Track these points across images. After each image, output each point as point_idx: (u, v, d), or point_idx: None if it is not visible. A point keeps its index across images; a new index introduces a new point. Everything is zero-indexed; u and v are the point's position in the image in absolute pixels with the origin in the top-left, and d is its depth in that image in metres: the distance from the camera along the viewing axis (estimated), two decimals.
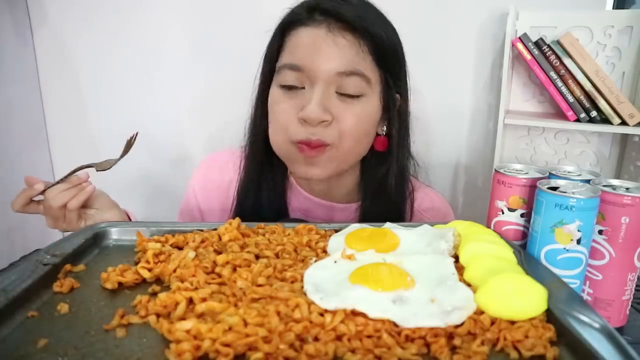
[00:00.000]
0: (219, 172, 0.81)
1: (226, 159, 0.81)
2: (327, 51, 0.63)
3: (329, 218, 0.78)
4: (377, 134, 0.72)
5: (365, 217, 0.75)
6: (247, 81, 0.74)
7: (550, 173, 0.58)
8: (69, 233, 0.57)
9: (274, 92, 0.68)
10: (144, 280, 0.47)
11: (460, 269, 0.48)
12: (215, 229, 0.57)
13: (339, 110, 0.64)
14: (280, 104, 0.67)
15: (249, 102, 0.75)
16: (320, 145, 0.65)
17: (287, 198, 0.78)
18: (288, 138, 0.66)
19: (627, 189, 0.52)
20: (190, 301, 0.41)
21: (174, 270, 0.47)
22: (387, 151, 0.73)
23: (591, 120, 1.08)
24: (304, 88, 0.65)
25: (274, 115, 0.68)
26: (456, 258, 0.51)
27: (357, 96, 0.65)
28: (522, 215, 0.57)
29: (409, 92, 0.74)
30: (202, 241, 0.54)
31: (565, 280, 0.48)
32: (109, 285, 0.45)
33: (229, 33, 1.27)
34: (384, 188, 0.73)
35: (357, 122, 0.66)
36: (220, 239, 0.55)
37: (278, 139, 0.68)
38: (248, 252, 0.51)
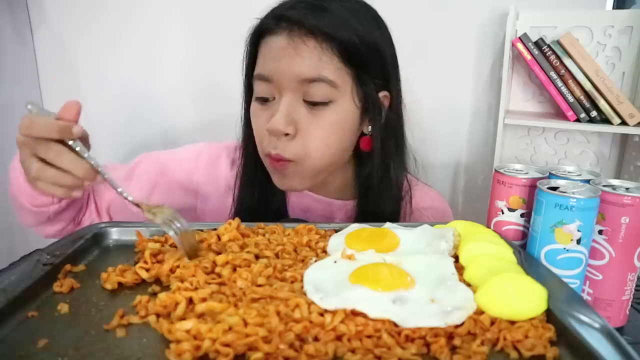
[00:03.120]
0: (229, 165, 0.80)
1: (228, 153, 0.81)
2: (289, 59, 0.62)
3: (329, 214, 0.78)
4: (363, 134, 0.72)
5: (361, 214, 0.75)
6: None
7: (550, 173, 0.58)
8: (68, 233, 0.57)
9: (253, 105, 0.69)
10: (143, 281, 0.47)
11: (460, 269, 0.48)
12: (214, 229, 0.57)
13: (305, 122, 0.64)
14: (255, 117, 0.68)
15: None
16: (280, 160, 0.65)
17: (287, 194, 0.78)
18: (262, 151, 0.68)
19: (627, 189, 0.52)
20: (190, 301, 0.41)
21: (171, 270, 0.47)
22: (371, 150, 0.72)
23: (591, 120, 1.08)
24: (275, 99, 0.66)
25: (253, 128, 0.69)
26: (456, 258, 0.51)
27: (326, 103, 0.64)
28: (522, 215, 0.57)
29: (400, 88, 0.72)
30: (201, 241, 0.54)
31: (565, 280, 0.48)
32: (108, 286, 0.46)
33: (228, 33, 1.27)
34: (371, 187, 0.73)
35: (325, 133, 0.65)
36: (219, 239, 0.55)
37: (259, 152, 0.70)
38: (248, 252, 0.51)
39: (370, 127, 0.70)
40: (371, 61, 0.67)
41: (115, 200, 0.71)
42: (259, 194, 0.75)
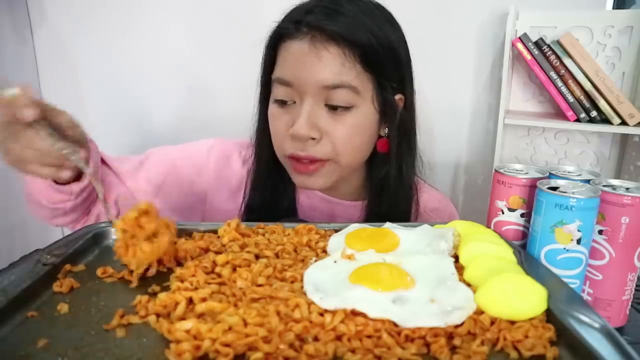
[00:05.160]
0: (240, 163, 0.80)
1: (240, 151, 0.81)
2: (311, 66, 0.63)
3: (338, 215, 0.79)
4: (380, 136, 0.72)
5: (371, 215, 0.75)
6: (247, 80, 0.75)
7: (550, 173, 0.58)
8: (68, 233, 0.56)
9: (271, 107, 0.69)
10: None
11: (460, 269, 0.48)
12: (215, 231, 0.57)
13: (329, 125, 0.65)
14: (275, 120, 0.68)
15: (250, 101, 0.75)
16: (313, 161, 0.66)
17: (296, 195, 0.78)
18: (282, 153, 0.68)
19: (627, 189, 0.52)
20: (190, 301, 0.41)
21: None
22: (388, 152, 0.73)
23: (591, 120, 1.08)
24: (295, 102, 0.66)
25: (272, 130, 0.70)
26: (456, 258, 0.51)
27: (348, 107, 0.65)
28: (522, 215, 0.57)
29: (414, 90, 0.73)
30: (205, 250, 0.54)
31: (565, 280, 0.48)
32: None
33: (228, 32, 1.27)
34: (386, 188, 0.74)
35: (349, 135, 0.66)
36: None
37: (277, 153, 0.70)
38: (248, 252, 0.51)
39: (387, 129, 0.71)
40: (389, 64, 0.67)
41: (123, 193, 0.72)
42: (270, 193, 0.75)
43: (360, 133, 0.67)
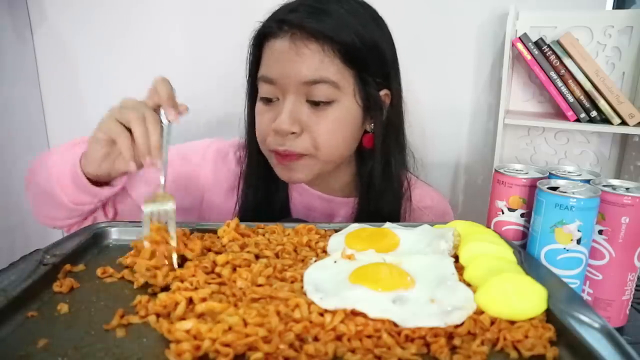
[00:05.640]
0: (235, 162, 0.81)
1: (235, 151, 0.82)
2: (292, 63, 0.64)
3: (330, 212, 0.79)
4: (366, 131, 0.73)
5: (362, 212, 0.75)
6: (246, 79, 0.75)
7: (550, 173, 0.58)
8: (68, 233, 0.57)
9: (257, 105, 0.71)
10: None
11: (460, 269, 0.48)
12: (215, 231, 0.57)
13: (310, 120, 0.66)
14: (260, 117, 0.70)
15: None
16: (291, 155, 0.67)
17: (289, 192, 0.78)
18: (266, 148, 0.70)
19: (627, 189, 0.52)
20: (190, 301, 0.41)
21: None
22: (374, 147, 0.73)
23: (591, 120, 1.08)
24: (279, 99, 0.67)
25: (257, 127, 0.71)
26: (456, 258, 0.51)
27: (329, 102, 0.66)
28: (522, 215, 0.57)
29: (401, 86, 0.73)
30: (208, 249, 0.54)
31: (565, 280, 0.48)
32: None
33: (228, 32, 1.27)
34: (372, 184, 0.74)
35: (330, 130, 0.67)
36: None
37: (262, 149, 0.72)
38: (248, 252, 0.51)
39: (372, 124, 0.72)
40: (372, 61, 0.68)
41: (120, 194, 0.72)
42: (262, 191, 0.76)
43: (342, 127, 0.68)
